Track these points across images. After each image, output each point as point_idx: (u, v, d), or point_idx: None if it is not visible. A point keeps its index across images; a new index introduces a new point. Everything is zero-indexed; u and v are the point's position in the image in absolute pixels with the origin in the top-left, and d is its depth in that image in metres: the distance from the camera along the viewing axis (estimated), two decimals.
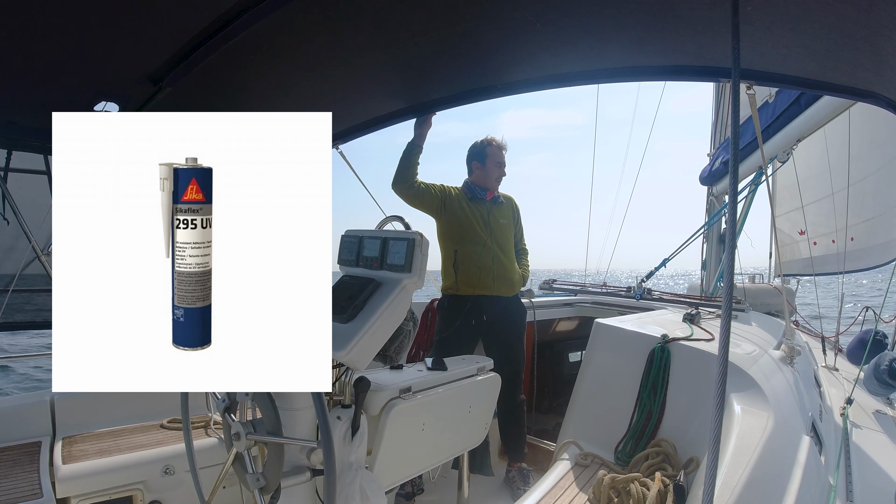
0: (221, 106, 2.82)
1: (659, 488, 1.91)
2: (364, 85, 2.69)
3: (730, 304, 1.12)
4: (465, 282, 3.30)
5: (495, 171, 3.42)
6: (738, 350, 2.71)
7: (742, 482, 1.73)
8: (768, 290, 5.13)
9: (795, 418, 2.51)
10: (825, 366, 5.41)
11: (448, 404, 2.29)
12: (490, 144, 3.42)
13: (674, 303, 4.19)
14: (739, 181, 5.03)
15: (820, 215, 8.36)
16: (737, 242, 5.00)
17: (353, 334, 1.73)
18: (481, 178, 3.42)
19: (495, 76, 2.61)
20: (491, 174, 3.42)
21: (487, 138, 3.45)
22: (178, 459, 2.39)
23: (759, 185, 4.77)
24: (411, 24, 2.06)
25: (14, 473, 2.15)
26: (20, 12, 1.72)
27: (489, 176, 3.42)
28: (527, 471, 3.34)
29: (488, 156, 3.40)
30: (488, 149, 3.41)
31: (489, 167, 3.40)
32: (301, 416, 1.71)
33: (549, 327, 4.60)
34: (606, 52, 2.25)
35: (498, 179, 3.46)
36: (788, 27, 1.70)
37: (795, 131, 4.10)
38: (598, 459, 2.41)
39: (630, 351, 2.66)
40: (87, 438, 2.53)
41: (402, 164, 3.18)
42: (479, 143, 3.44)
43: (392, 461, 2.03)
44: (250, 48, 2.15)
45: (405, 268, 1.84)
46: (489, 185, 3.43)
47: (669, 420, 2.41)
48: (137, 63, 2.21)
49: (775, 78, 2.11)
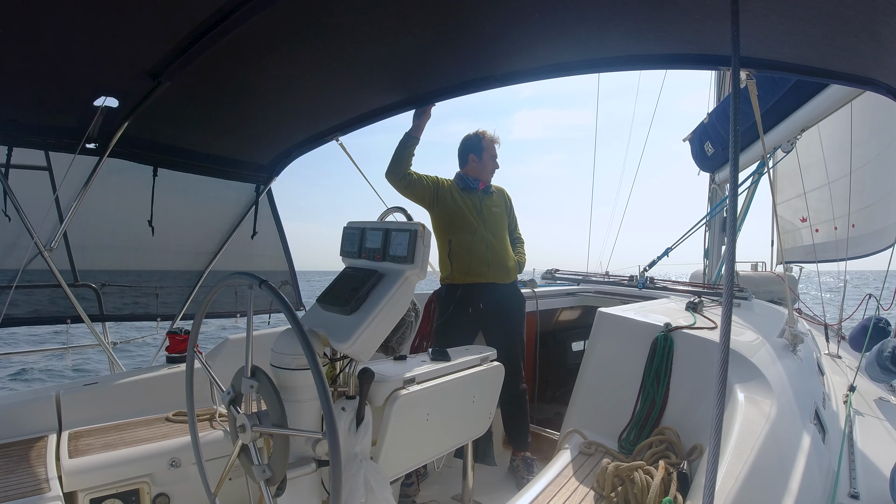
0: (220, 100, 2.82)
1: (663, 476, 1.92)
2: (362, 77, 2.68)
3: (731, 292, 1.12)
4: (459, 270, 3.34)
5: (490, 163, 3.47)
6: (741, 338, 2.72)
7: (745, 470, 1.74)
8: (770, 278, 5.13)
9: (798, 406, 2.51)
10: (828, 353, 5.42)
11: (452, 394, 2.30)
12: (484, 137, 3.46)
13: (676, 291, 4.20)
14: (742, 169, 5.02)
15: (822, 202, 8.33)
16: (738, 232, 4.99)
17: (356, 326, 1.73)
18: (477, 169, 3.45)
19: (494, 66, 2.60)
20: (487, 166, 3.46)
21: (480, 131, 3.49)
22: (184, 452, 2.40)
23: (762, 175, 4.75)
24: (409, 15, 2.05)
25: (21, 468, 2.16)
26: (20, 10, 1.72)
27: (485, 168, 3.46)
28: (531, 460, 3.36)
29: (484, 148, 3.44)
30: (483, 141, 3.45)
31: (485, 160, 3.45)
32: (306, 407, 1.72)
33: (552, 317, 4.61)
34: (605, 41, 2.24)
35: (492, 171, 3.51)
36: (787, 13, 1.69)
37: (800, 121, 4.09)
38: (602, 448, 2.42)
39: (633, 340, 2.67)
40: (92, 432, 2.55)
41: (397, 155, 3.22)
42: (474, 136, 3.48)
43: (396, 452, 2.04)
44: (249, 42, 2.14)
45: (407, 259, 1.84)
46: (483, 177, 3.47)
47: (673, 408, 2.42)
48: (136, 58, 2.21)
49: (774, 65, 2.10)
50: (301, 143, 3.65)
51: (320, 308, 1.90)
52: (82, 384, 2.79)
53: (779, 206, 8.85)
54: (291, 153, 3.84)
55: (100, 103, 2.64)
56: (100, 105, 2.65)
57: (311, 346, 1.41)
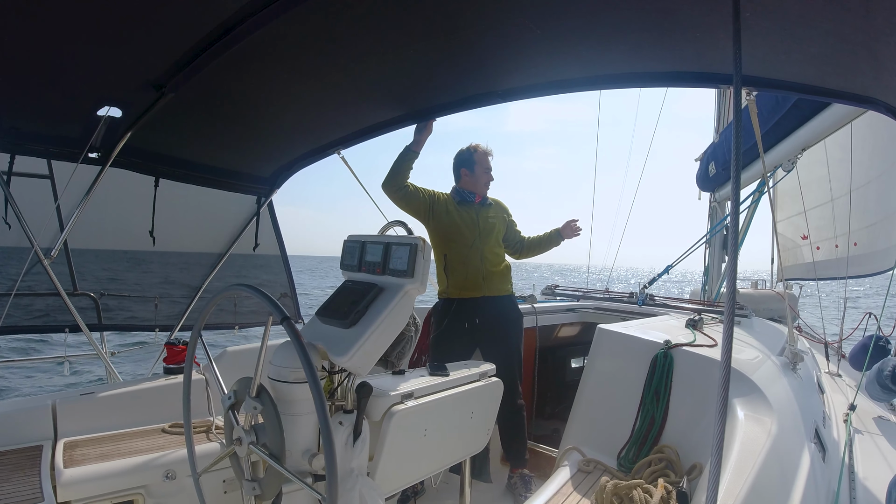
0: (223, 112, 2.84)
1: (662, 495, 1.90)
2: (365, 91, 2.70)
3: (732, 309, 1.11)
4: (455, 285, 3.36)
5: (483, 176, 3.50)
6: (741, 356, 2.71)
7: (745, 489, 1.72)
8: (771, 296, 5.12)
9: (798, 424, 2.50)
10: (828, 371, 5.39)
11: (450, 410, 2.29)
12: (476, 151, 3.49)
13: (676, 308, 4.19)
14: (742, 187, 5.03)
15: (823, 220, 8.33)
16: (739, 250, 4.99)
17: (355, 340, 1.73)
18: (470, 183, 3.49)
19: (495, 82, 2.62)
20: (480, 179, 3.49)
21: (472, 145, 3.53)
22: (180, 464, 2.38)
23: (762, 195, 4.76)
24: (411, 30, 2.06)
25: (15, 477, 2.15)
26: (26, 19, 1.73)
27: (478, 181, 3.49)
28: (529, 477, 3.33)
29: (476, 162, 3.47)
30: (475, 155, 3.48)
31: (478, 173, 3.48)
32: (303, 421, 1.71)
33: (551, 333, 4.59)
34: (606, 58, 2.25)
35: (486, 184, 3.53)
36: (787, 32, 1.70)
37: (801, 140, 4.10)
38: (601, 465, 2.40)
39: (633, 357, 2.66)
40: (88, 442, 2.53)
41: (395, 167, 3.25)
42: (466, 151, 3.52)
43: (394, 467, 2.02)
44: (252, 55, 2.16)
45: (407, 273, 1.84)
46: (478, 190, 3.50)
47: (672, 426, 2.40)
48: (140, 69, 2.22)
49: (774, 83, 2.12)
50: (303, 156, 3.66)
51: (319, 321, 1.90)
52: (79, 393, 2.77)
53: (780, 223, 8.85)
54: (293, 166, 3.85)
55: (103, 113, 2.65)
56: (103, 115, 2.66)
57: (310, 359, 1.40)
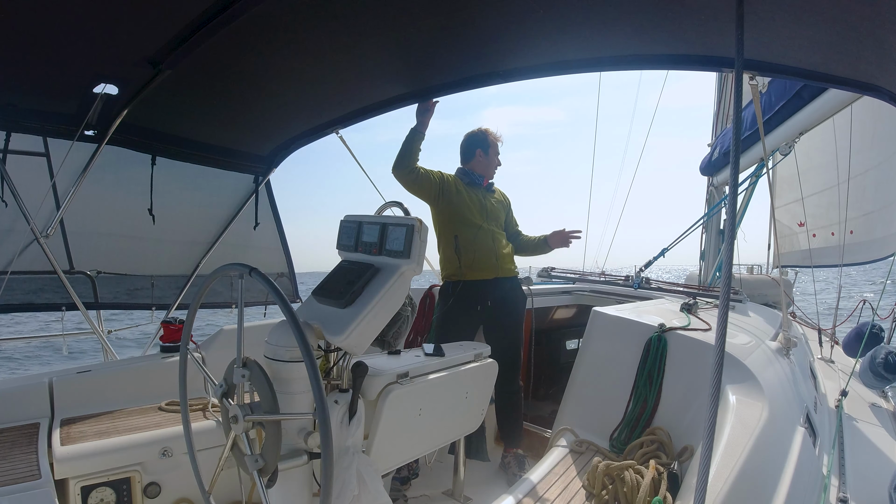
0: (221, 89, 2.81)
1: (653, 476, 1.92)
2: (364, 69, 2.67)
3: (727, 294, 1.12)
4: (469, 266, 3.29)
5: (496, 160, 3.50)
6: (735, 340, 2.72)
7: (735, 471, 1.75)
8: (766, 281, 5.14)
9: (790, 409, 2.52)
10: (821, 357, 5.44)
11: (445, 390, 2.30)
12: (489, 134, 3.48)
13: (672, 292, 4.20)
14: (740, 172, 5.02)
15: (820, 207, 8.34)
16: (736, 233, 5.00)
17: (351, 319, 1.73)
18: (483, 165, 3.46)
19: (497, 62, 2.60)
20: (492, 163, 3.49)
21: (484, 129, 3.50)
22: (176, 442, 2.40)
23: (759, 178, 4.75)
24: (413, 8, 2.04)
25: (12, 455, 2.16)
26: None
27: (491, 164, 3.48)
28: (522, 457, 3.37)
29: (491, 145, 3.46)
30: (489, 138, 3.47)
31: (492, 156, 3.47)
32: (299, 399, 1.72)
33: (546, 315, 4.61)
34: (608, 40, 2.23)
35: (496, 169, 3.53)
36: (792, 18, 1.69)
37: (799, 124, 4.08)
38: (594, 446, 2.43)
39: (627, 339, 2.67)
40: (85, 420, 2.54)
41: (404, 150, 3.20)
42: (481, 132, 3.48)
43: (389, 446, 2.04)
44: (250, 31, 2.13)
45: (404, 254, 1.84)
46: (488, 174, 3.48)
47: (665, 409, 2.42)
48: (137, 46, 2.19)
49: (778, 69, 2.10)
50: (301, 134, 3.63)
51: (315, 300, 1.90)
52: (75, 371, 2.78)
53: (776, 210, 8.85)
54: (291, 145, 3.82)
55: (99, 90, 2.62)
56: (99, 92, 2.63)
57: (305, 337, 1.40)
